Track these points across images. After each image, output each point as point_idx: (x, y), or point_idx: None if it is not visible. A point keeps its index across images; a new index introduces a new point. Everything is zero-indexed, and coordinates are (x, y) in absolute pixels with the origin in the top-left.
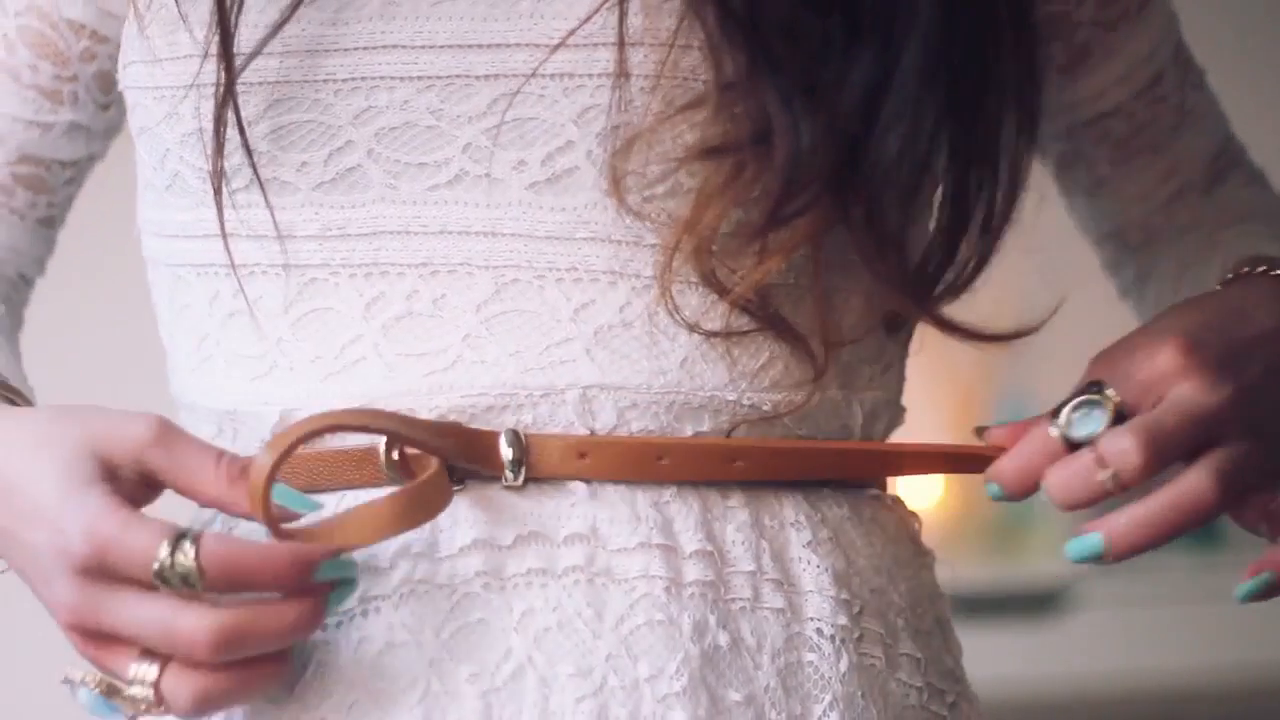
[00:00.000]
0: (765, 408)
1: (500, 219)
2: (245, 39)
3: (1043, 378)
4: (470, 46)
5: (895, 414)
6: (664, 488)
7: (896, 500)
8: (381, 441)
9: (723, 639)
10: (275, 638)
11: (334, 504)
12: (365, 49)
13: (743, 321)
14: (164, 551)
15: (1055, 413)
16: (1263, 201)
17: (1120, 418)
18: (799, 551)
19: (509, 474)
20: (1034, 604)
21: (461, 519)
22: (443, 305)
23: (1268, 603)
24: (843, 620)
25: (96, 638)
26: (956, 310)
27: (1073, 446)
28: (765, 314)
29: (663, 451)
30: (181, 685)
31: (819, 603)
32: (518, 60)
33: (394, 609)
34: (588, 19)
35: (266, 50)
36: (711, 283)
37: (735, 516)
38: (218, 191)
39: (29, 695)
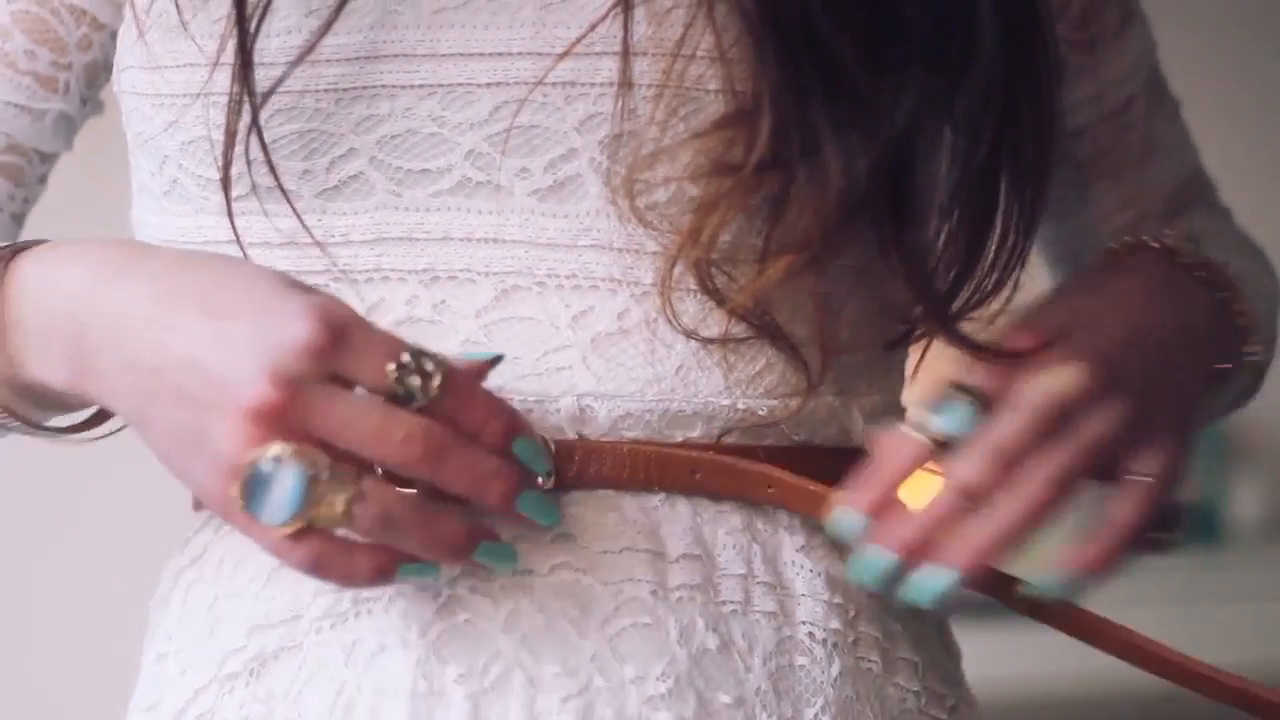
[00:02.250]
0: (761, 413)
1: (503, 226)
2: (256, 48)
3: None
4: (472, 55)
5: (897, 415)
6: (653, 492)
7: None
8: None
9: (711, 642)
10: (470, 478)
11: None
12: (367, 58)
13: (739, 329)
14: (406, 354)
15: (911, 420)
16: (1215, 228)
17: (984, 405)
18: (792, 555)
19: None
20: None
21: None
22: (443, 311)
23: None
24: (835, 624)
25: (284, 431)
26: None
27: (938, 445)
28: (762, 323)
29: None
30: (375, 498)
31: (811, 606)
32: (520, 68)
33: (384, 610)
34: (593, 27)
35: (269, 60)
36: (710, 292)
37: (727, 520)
38: (229, 199)
39: (29, 695)
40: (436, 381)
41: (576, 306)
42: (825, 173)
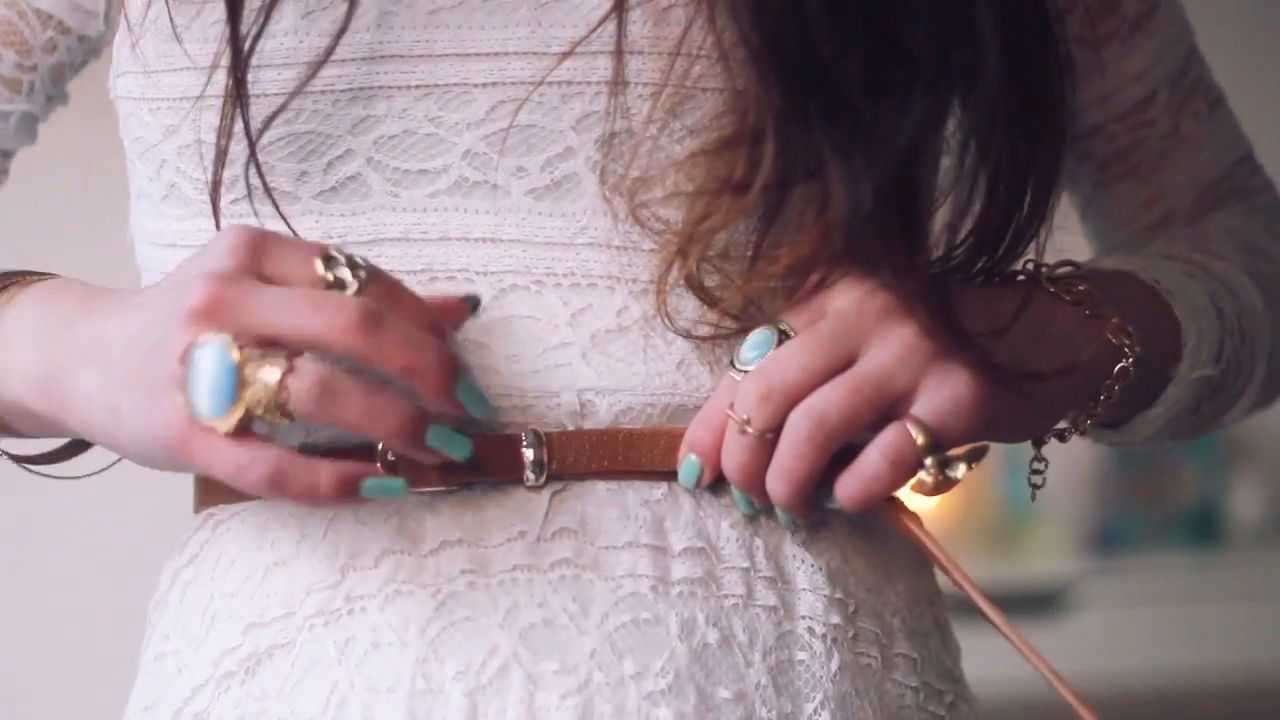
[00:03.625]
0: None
1: (501, 225)
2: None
3: None
4: (468, 55)
5: None
6: (655, 485)
7: (897, 501)
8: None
9: (712, 636)
10: (409, 349)
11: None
12: (363, 59)
13: (731, 324)
14: (333, 250)
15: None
16: (1228, 229)
17: (786, 338)
18: (793, 549)
19: (530, 475)
20: (1034, 604)
21: (447, 516)
22: None
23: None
24: (836, 619)
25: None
26: None
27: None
28: (753, 322)
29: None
30: (308, 370)
31: (812, 601)
32: (516, 68)
33: (379, 609)
34: (595, 28)
35: (265, 63)
36: (702, 295)
37: (730, 514)
38: (216, 205)
39: (30, 696)
40: (364, 274)
41: (575, 304)
42: (829, 195)
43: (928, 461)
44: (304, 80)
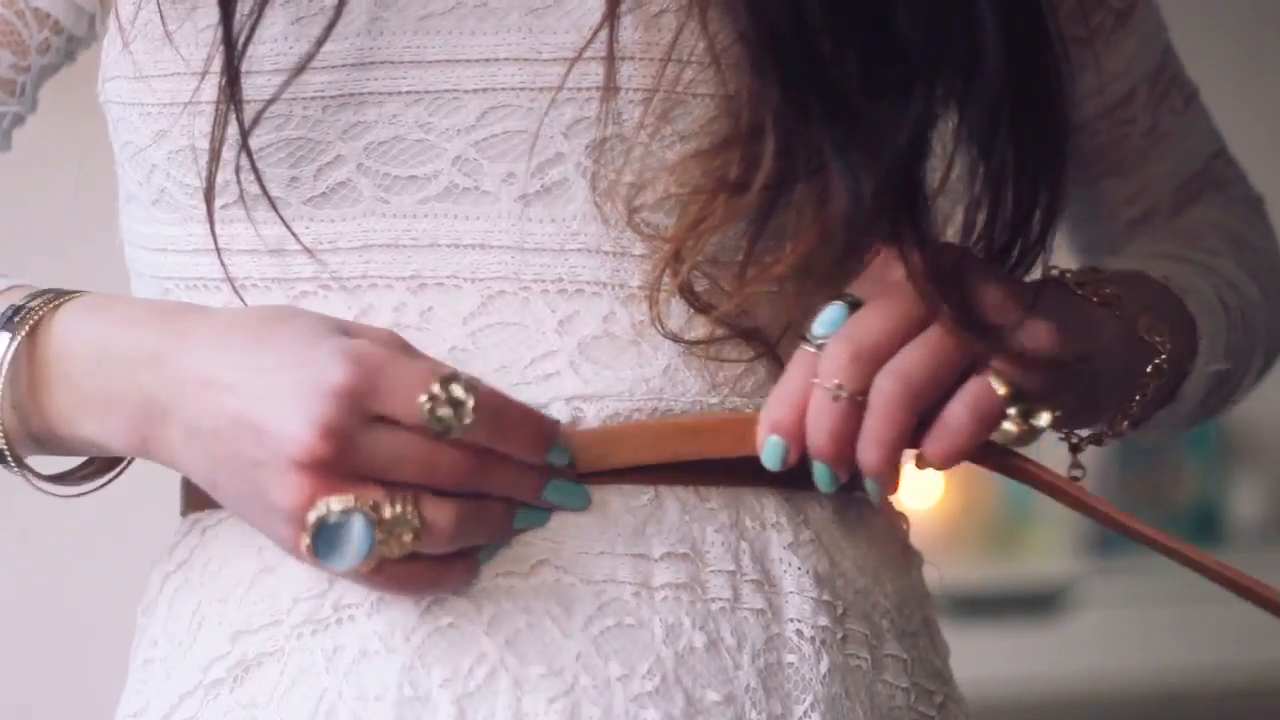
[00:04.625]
0: (747, 411)
1: (490, 231)
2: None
3: None
4: (459, 61)
5: None
6: (642, 490)
7: (886, 502)
8: None
9: (698, 640)
10: (509, 487)
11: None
12: (353, 65)
13: (722, 331)
14: (436, 385)
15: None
16: (1213, 222)
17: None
18: (780, 553)
19: None
20: (1034, 604)
21: None
22: (430, 318)
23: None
24: (824, 622)
25: (338, 477)
26: None
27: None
28: (743, 327)
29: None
30: (443, 507)
31: (799, 604)
32: (507, 74)
33: (367, 617)
34: (595, 33)
35: (256, 69)
36: (693, 301)
37: (715, 518)
38: (211, 210)
39: (18, 701)
40: (469, 407)
41: (562, 311)
42: (829, 193)
43: (1011, 411)
44: (287, 82)
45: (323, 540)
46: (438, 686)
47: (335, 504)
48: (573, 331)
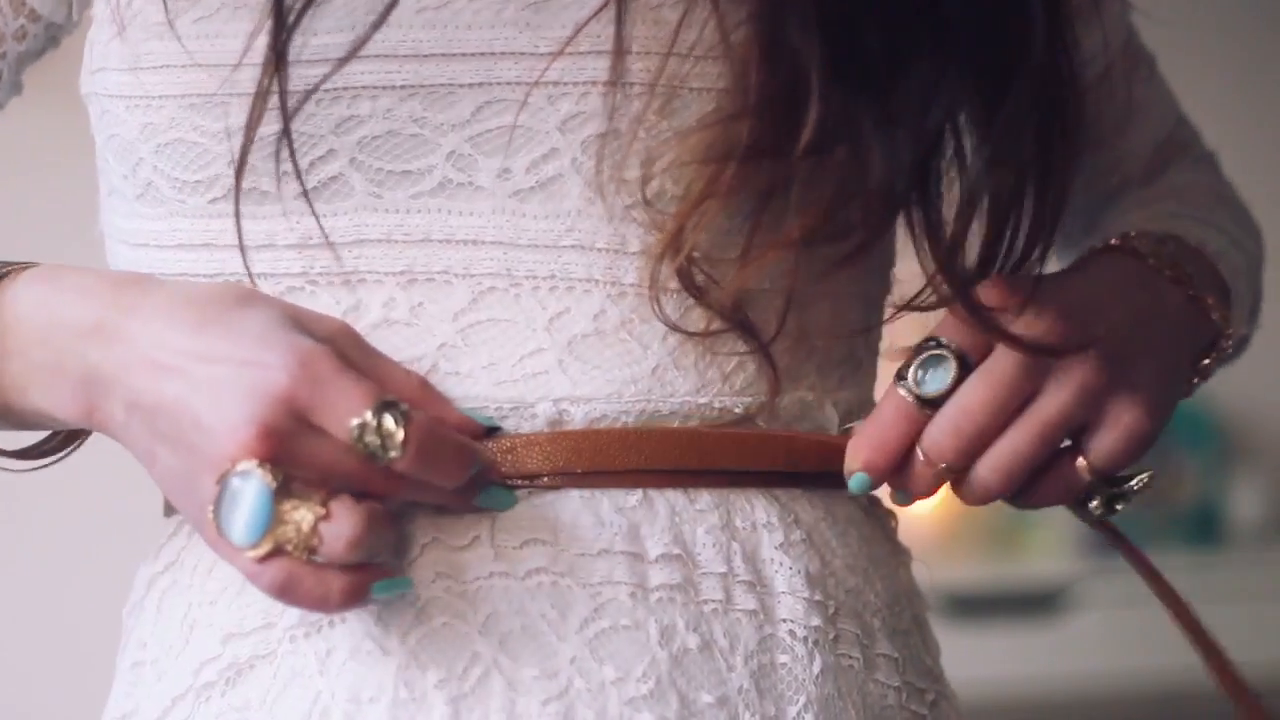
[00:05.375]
0: (736, 410)
1: (484, 227)
2: (232, 49)
3: None
4: (454, 55)
5: (870, 412)
6: (630, 492)
7: (873, 500)
8: None
9: (692, 641)
10: (438, 498)
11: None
12: (348, 58)
13: (715, 324)
14: (369, 413)
15: (899, 374)
16: (1192, 183)
17: (965, 366)
18: (771, 553)
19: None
20: (1034, 604)
21: (422, 522)
22: (420, 314)
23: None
24: (816, 621)
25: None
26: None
27: (923, 403)
28: (739, 319)
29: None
30: (341, 518)
31: (792, 604)
32: (503, 68)
33: (358, 618)
34: (576, 31)
35: (247, 62)
36: (691, 288)
37: (705, 519)
38: (238, 197)
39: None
40: (398, 440)
41: (553, 308)
42: (866, 165)
43: (1094, 503)
44: (329, 74)
45: (222, 505)
46: (433, 688)
47: (243, 465)
48: (563, 329)
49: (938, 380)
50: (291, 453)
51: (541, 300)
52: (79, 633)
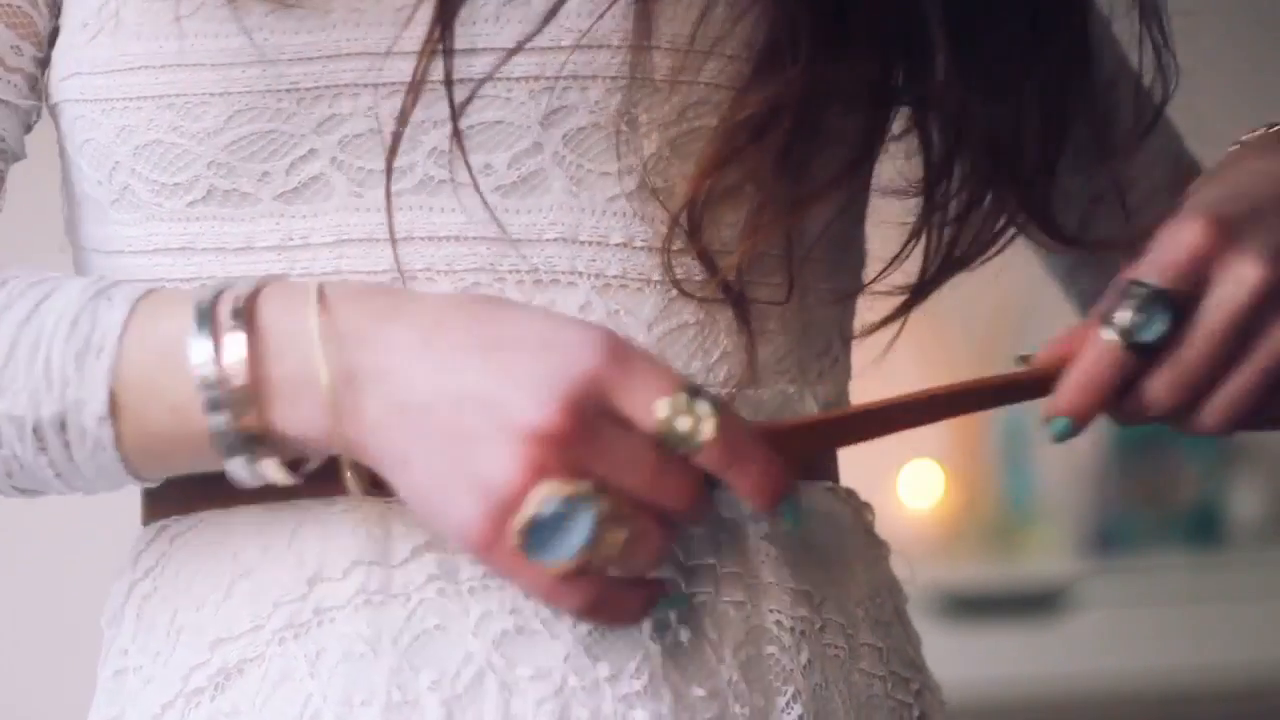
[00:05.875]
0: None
1: (466, 224)
2: (211, 49)
3: None
4: (435, 51)
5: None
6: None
7: (850, 493)
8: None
9: (684, 635)
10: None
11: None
12: (330, 57)
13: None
14: (683, 394)
15: (1106, 318)
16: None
17: (1177, 307)
18: (757, 543)
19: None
20: (1034, 604)
21: (413, 523)
22: None
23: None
24: (802, 612)
25: (566, 465)
26: (954, 305)
27: (1135, 350)
28: (737, 297)
29: None
30: (648, 539)
31: (778, 595)
32: (484, 64)
33: (348, 620)
34: (541, 25)
35: (229, 62)
36: (702, 254)
37: None
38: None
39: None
40: (710, 426)
41: (538, 301)
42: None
43: None
44: (499, 64)
45: (537, 529)
46: (426, 690)
47: (560, 488)
48: None
49: (1154, 328)
50: (594, 436)
51: (527, 294)
52: (58, 643)
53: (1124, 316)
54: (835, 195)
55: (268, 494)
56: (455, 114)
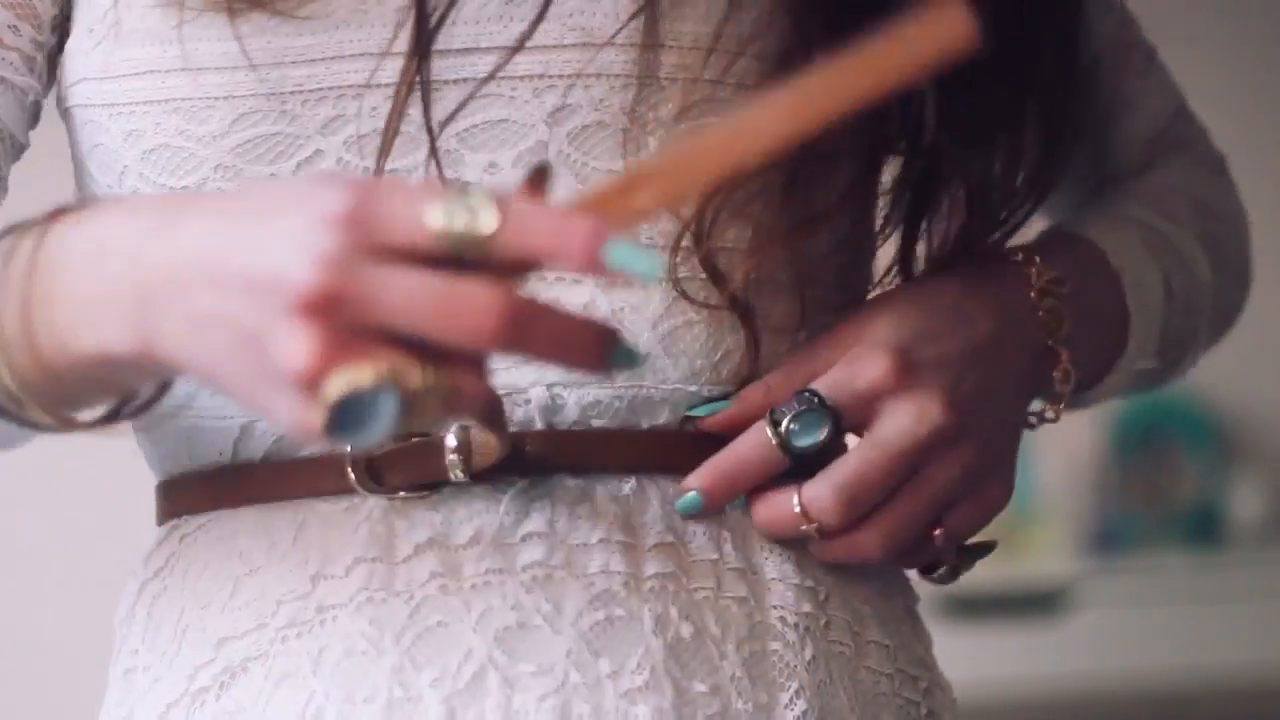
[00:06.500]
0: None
1: None
2: (215, 53)
3: None
4: (439, 51)
5: None
6: (623, 480)
7: None
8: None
9: (685, 630)
10: (559, 347)
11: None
12: (333, 58)
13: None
14: (450, 199)
15: (773, 420)
16: (1172, 187)
17: (838, 427)
18: (761, 540)
19: (457, 473)
20: (1034, 604)
21: (416, 520)
22: None
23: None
24: (807, 608)
25: (347, 333)
26: None
27: (791, 454)
28: (744, 306)
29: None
30: (467, 383)
31: (782, 591)
32: (488, 63)
33: (350, 617)
34: (531, 29)
35: (233, 65)
36: (712, 273)
37: None
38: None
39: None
40: (487, 215)
41: (542, 299)
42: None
43: (940, 570)
44: (500, 64)
45: (341, 419)
46: (428, 687)
47: (357, 376)
48: None
49: (811, 435)
50: (362, 285)
51: (529, 290)
52: (71, 642)
53: (784, 418)
54: (837, 220)
55: (274, 491)
56: (430, 125)
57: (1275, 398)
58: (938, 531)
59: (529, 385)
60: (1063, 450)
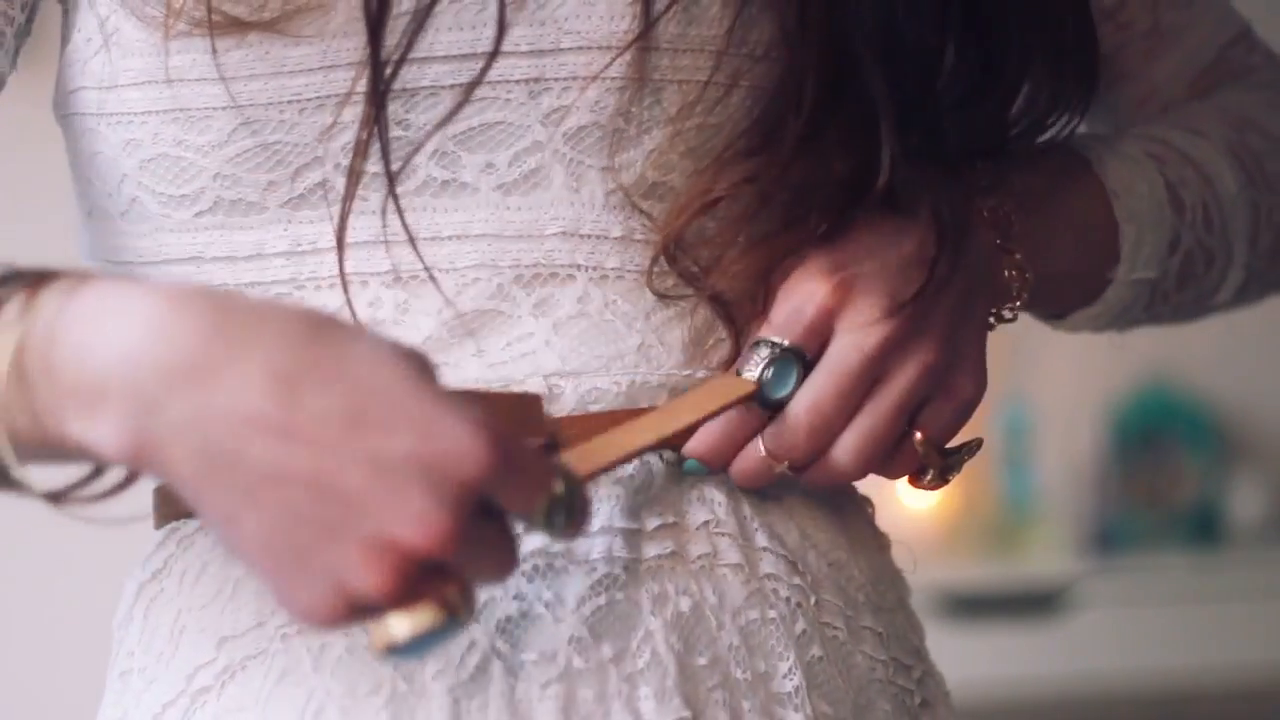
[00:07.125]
0: (714, 380)
1: (469, 222)
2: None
3: (1042, 381)
4: (435, 58)
5: None
6: (624, 465)
7: (850, 485)
8: None
9: (684, 604)
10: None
11: None
12: (330, 67)
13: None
14: (560, 486)
15: (739, 375)
16: (1224, 109)
17: (805, 364)
18: (749, 510)
19: None
20: (1034, 604)
21: None
22: (406, 310)
23: (1268, 603)
24: (797, 581)
25: (430, 574)
26: None
27: (765, 406)
28: (723, 302)
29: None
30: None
31: (774, 561)
32: (477, 70)
33: None
34: (499, 35)
35: (230, 76)
36: (688, 277)
37: (696, 481)
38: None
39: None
40: (578, 518)
41: (538, 294)
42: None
43: (928, 476)
44: (480, 73)
45: (404, 649)
46: (431, 679)
47: (423, 620)
48: (547, 313)
49: (783, 384)
50: (465, 545)
51: (526, 288)
52: (70, 646)
53: (754, 374)
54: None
55: None
56: (390, 170)
57: (1275, 398)
58: (917, 436)
59: (525, 376)
60: (1063, 450)
